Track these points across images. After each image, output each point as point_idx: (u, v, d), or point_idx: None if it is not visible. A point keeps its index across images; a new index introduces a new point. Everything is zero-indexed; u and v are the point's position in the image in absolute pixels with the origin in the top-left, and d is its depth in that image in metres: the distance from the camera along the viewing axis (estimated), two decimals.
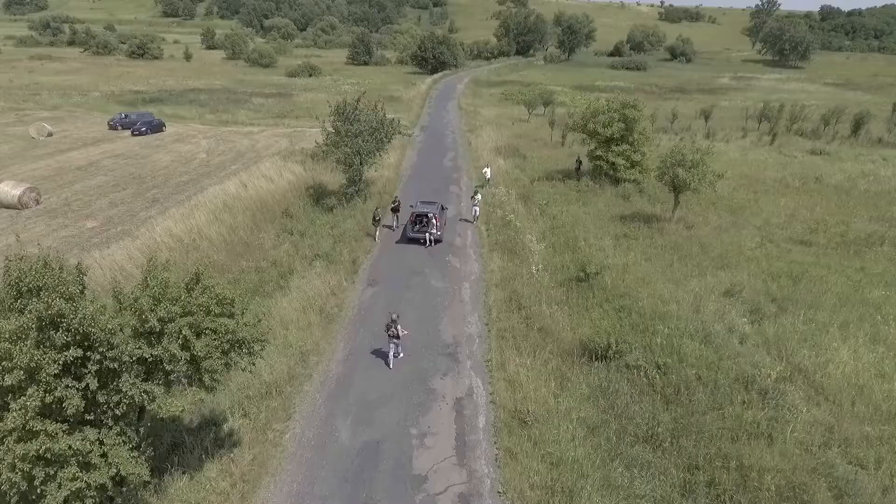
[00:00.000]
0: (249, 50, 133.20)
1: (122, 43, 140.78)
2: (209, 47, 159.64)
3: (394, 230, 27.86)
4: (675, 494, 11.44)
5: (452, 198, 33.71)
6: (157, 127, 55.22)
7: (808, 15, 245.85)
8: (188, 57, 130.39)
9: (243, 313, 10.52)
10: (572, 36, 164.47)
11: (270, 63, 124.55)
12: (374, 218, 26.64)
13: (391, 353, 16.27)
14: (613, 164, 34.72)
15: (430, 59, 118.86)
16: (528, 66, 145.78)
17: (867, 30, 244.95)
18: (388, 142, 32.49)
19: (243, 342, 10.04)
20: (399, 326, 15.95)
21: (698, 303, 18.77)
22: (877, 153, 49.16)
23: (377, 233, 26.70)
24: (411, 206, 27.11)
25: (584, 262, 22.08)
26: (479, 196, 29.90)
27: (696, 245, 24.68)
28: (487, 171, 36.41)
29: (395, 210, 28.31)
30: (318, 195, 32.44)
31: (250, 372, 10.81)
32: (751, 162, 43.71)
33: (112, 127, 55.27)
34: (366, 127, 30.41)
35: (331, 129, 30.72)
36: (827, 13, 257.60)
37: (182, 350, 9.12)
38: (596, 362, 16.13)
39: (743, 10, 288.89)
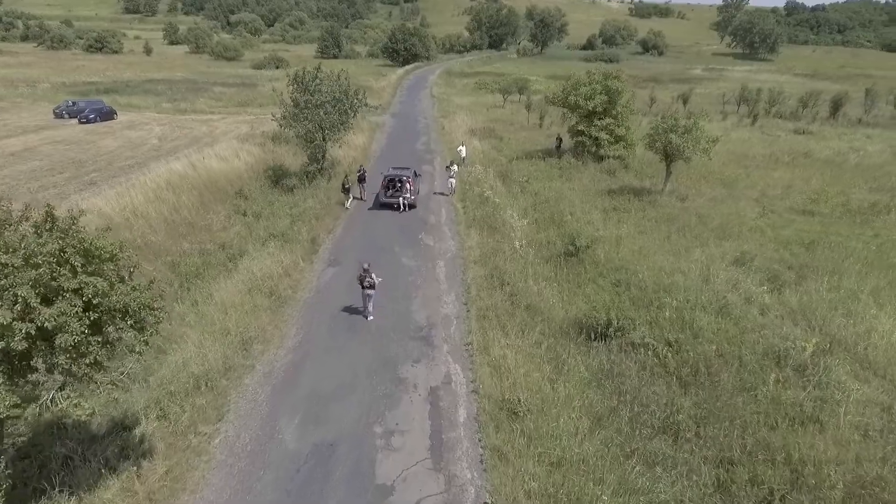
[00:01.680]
0: (213, 43, 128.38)
1: (79, 38, 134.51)
2: (171, 42, 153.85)
3: (362, 200, 26.49)
4: (713, 498, 8.96)
5: (426, 177, 31.05)
6: (107, 115, 51.36)
7: (774, 10, 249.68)
8: (148, 51, 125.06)
9: (131, 274, 7.65)
10: (545, 29, 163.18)
11: (236, 56, 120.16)
12: (343, 186, 25.36)
13: (369, 306, 15.18)
14: (597, 138, 32.50)
15: (402, 51, 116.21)
16: (502, 59, 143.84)
17: (831, 24, 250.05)
18: (354, 115, 29.64)
19: (127, 312, 7.17)
20: (374, 275, 14.70)
21: (707, 273, 16.43)
22: (859, 132, 48.21)
23: (348, 201, 25.54)
24: (382, 173, 25.89)
25: (573, 235, 19.63)
26: (455, 167, 27.42)
27: (692, 216, 22.47)
28: (462, 150, 33.78)
29: (362, 180, 26.73)
30: (279, 176, 29.43)
31: (140, 354, 7.92)
32: (734, 140, 41.97)
33: (58, 115, 51.27)
34: (328, 98, 27.56)
35: (288, 101, 27.83)
36: (792, 8, 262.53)
37: (22, 320, 6.27)
38: (595, 342, 13.65)
39: (710, 6, 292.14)
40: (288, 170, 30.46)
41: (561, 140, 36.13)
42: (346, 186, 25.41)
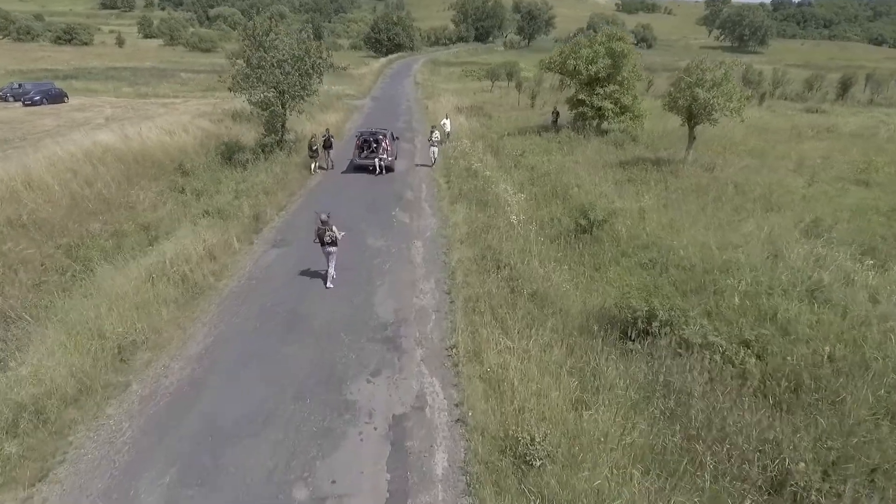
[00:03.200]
0: (188, 34, 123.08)
1: (48, 31, 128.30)
2: (147, 36, 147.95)
3: (327, 169, 23.34)
4: None
5: (406, 154, 26.85)
6: (56, 97, 46.68)
7: (762, 5, 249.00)
8: (121, 43, 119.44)
9: None
10: (532, 22, 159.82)
11: (212, 48, 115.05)
12: (310, 147, 22.49)
13: (330, 269, 12.40)
14: (600, 109, 28.36)
15: (385, 42, 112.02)
16: (488, 52, 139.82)
17: (817, 19, 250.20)
18: (319, 79, 25.19)
19: None
20: (335, 228, 12.11)
21: (775, 247, 12.31)
22: (875, 111, 44.69)
23: (314, 165, 22.74)
24: (357, 136, 23.31)
25: (586, 207, 15.42)
26: (437, 134, 23.33)
27: (728, 186, 18.41)
28: (447, 124, 29.51)
29: (328, 146, 23.08)
30: (232, 152, 24.98)
31: None
32: (747, 116, 38.15)
33: (1, 98, 46.52)
34: (286, 55, 23.16)
35: (240, 61, 23.44)
36: (778, 4, 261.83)
37: None
38: (633, 342, 9.45)
39: (696, 2, 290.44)
40: (244, 146, 26.07)
41: (558, 114, 32.02)
42: (314, 148, 22.39)
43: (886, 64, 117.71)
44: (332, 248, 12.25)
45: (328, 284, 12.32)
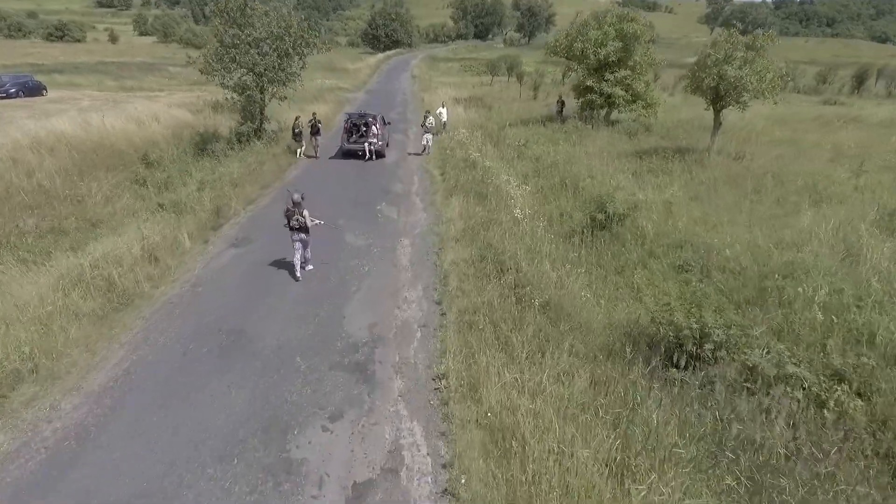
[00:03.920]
0: (182, 30, 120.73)
1: (40, 27, 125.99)
2: (142, 33, 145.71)
3: (313, 157, 21.60)
4: None
5: (397, 145, 24.60)
6: (33, 90, 44.41)
7: (763, 3, 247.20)
8: (114, 39, 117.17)
9: None
10: (532, 19, 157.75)
11: (205, 44, 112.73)
12: (293, 130, 21.28)
13: (297, 259, 10.60)
14: (609, 96, 25.97)
15: (382, 38, 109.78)
16: (488, 49, 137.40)
17: (819, 17, 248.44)
18: (303, 63, 22.84)
19: None
20: (307, 213, 10.29)
21: (847, 245, 9.93)
22: None
23: (300, 150, 21.38)
24: (345, 120, 21.88)
25: (603, 200, 13.05)
26: (431, 120, 21.12)
27: (765, 176, 16.03)
28: (443, 113, 27.31)
29: (315, 132, 21.31)
30: (207, 142, 22.61)
31: None
32: (760, 109, 35.82)
33: None
34: (264, 34, 20.87)
35: (213, 40, 21.21)
36: (780, 2, 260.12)
37: None
38: (679, 371, 7.07)
39: (697, 1, 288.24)
40: (221, 136, 23.71)
41: (563, 103, 29.67)
42: (297, 131, 21.13)
43: (894, 61, 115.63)
44: (302, 235, 10.51)
45: (297, 275, 10.58)
